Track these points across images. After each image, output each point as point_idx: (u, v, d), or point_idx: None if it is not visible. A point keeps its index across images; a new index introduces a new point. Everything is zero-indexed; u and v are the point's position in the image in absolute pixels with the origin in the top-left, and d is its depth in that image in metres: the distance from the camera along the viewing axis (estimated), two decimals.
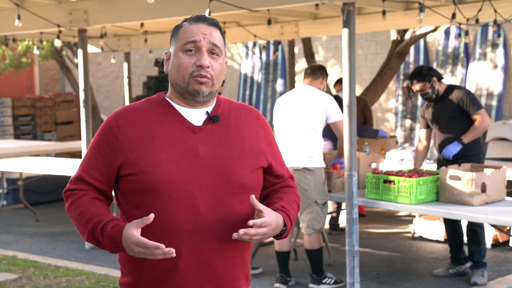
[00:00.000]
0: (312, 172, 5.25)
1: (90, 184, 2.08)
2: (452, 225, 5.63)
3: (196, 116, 2.08)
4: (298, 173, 5.22)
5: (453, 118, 5.42)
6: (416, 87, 5.46)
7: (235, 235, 1.95)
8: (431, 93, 5.45)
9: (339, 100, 5.88)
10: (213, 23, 2.08)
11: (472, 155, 5.38)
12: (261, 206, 2.01)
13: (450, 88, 5.48)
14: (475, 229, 5.42)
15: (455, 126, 5.42)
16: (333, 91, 8.22)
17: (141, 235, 1.99)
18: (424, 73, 5.43)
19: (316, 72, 5.50)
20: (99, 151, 2.07)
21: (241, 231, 1.95)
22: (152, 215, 1.92)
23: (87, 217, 2.03)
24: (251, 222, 1.96)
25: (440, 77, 5.49)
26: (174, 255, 1.92)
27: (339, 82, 7.83)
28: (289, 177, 2.27)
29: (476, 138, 5.39)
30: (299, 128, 5.30)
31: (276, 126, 5.48)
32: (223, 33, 2.12)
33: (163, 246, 1.90)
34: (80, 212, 2.05)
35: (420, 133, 5.80)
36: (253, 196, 2.01)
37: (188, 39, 2.05)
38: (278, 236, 2.10)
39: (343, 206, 7.41)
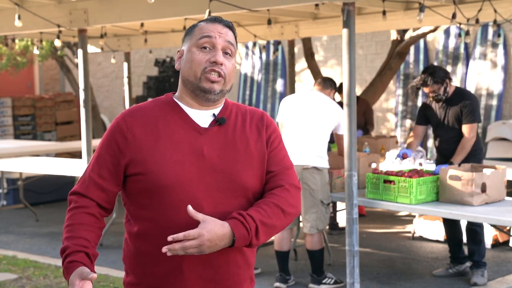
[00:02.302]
0: (320, 172, 5.30)
1: (99, 187, 2.09)
2: (451, 225, 5.63)
3: (202, 117, 2.10)
4: (307, 172, 5.25)
5: (457, 122, 5.40)
6: (430, 88, 5.41)
7: (164, 249, 1.91)
8: (442, 95, 5.42)
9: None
10: (228, 25, 2.12)
11: (471, 156, 5.37)
12: (199, 216, 1.93)
13: (458, 91, 5.45)
14: (475, 229, 5.42)
15: (457, 130, 5.40)
16: (338, 98, 8.16)
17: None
18: (440, 75, 5.36)
19: (327, 83, 5.66)
20: (108, 150, 2.09)
21: (164, 248, 1.90)
22: (95, 275, 1.91)
23: (67, 234, 2.07)
24: (170, 237, 1.90)
25: (450, 78, 5.47)
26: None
27: (339, 89, 7.49)
28: (280, 173, 2.13)
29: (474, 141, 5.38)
30: (312, 128, 5.35)
31: (282, 123, 5.53)
32: (236, 36, 2.15)
33: None
34: (67, 224, 2.10)
35: (415, 128, 5.75)
36: (189, 206, 1.93)
37: (203, 34, 2.08)
38: (232, 246, 1.97)
39: (338, 205, 7.43)
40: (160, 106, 2.12)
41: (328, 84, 5.65)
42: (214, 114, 2.11)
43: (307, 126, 5.39)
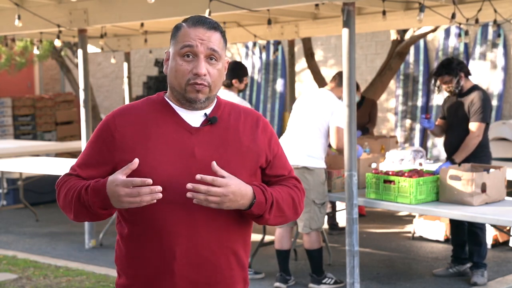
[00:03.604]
0: (312, 171, 5.25)
1: (83, 179, 2.07)
2: (456, 225, 5.63)
3: (194, 117, 2.07)
4: (297, 172, 5.22)
5: (464, 120, 5.38)
6: (442, 79, 5.40)
7: (188, 194, 1.89)
8: (455, 88, 5.40)
9: None
10: (213, 27, 2.05)
11: (473, 156, 5.36)
12: (224, 172, 1.94)
13: (473, 88, 5.42)
14: (475, 230, 5.41)
15: (463, 129, 5.39)
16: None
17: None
18: (453, 67, 5.35)
19: (342, 80, 5.44)
20: (95, 149, 2.07)
21: (189, 185, 1.89)
22: (136, 160, 1.89)
23: (73, 190, 2.01)
24: (198, 176, 1.89)
25: (467, 73, 5.44)
26: (161, 189, 1.88)
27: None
28: (291, 177, 2.21)
29: (480, 142, 5.35)
30: (305, 127, 5.33)
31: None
32: (224, 35, 2.09)
33: (150, 180, 1.86)
34: (67, 189, 2.04)
35: (437, 121, 5.78)
36: (214, 163, 1.94)
37: (185, 43, 2.03)
38: (248, 209, 1.99)
39: (338, 205, 7.43)
40: (151, 105, 2.09)
41: (342, 82, 5.51)
42: (205, 114, 2.08)
43: (298, 126, 5.37)
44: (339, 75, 5.51)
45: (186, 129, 2.05)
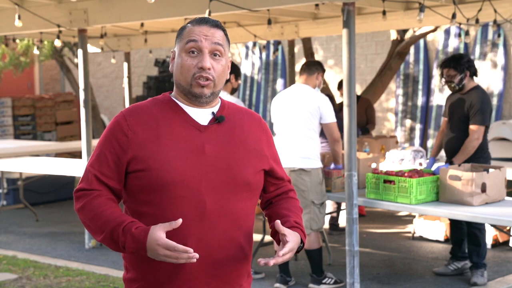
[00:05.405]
0: (309, 172, 5.23)
1: (102, 183, 2.09)
2: (455, 224, 5.64)
3: (202, 115, 2.13)
4: (294, 174, 5.20)
5: (464, 119, 5.38)
6: (447, 72, 5.39)
7: (262, 262, 2.00)
8: (456, 84, 5.37)
9: (332, 100, 5.88)
10: (216, 25, 2.13)
11: (472, 159, 5.35)
12: (285, 230, 2.05)
13: (475, 89, 5.39)
14: (474, 231, 5.41)
15: (462, 130, 5.38)
16: (337, 94, 8.33)
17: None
18: (462, 63, 5.33)
19: (311, 67, 5.41)
20: (108, 148, 2.09)
21: (271, 262, 1.99)
22: (180, 220, 1.94)
23: (104, 218, 2.02)
24: (281, 253, 2.02)
25: (473, 73, 5.41)
26: (197, 256, 1.93)
27: (339, 87, 7.99)
28: (288, 180, 2.33)
29: (480, 144, 5.34)
30: (294, 128, 5.28)
31: (273, 125, 5.50)
32: (226, 34, 2.16)
33: (191, 250, 1.92)
34: (95, 214, 2.04)
35: (442, 120, 5.77)
36: (278, 222, 2.06)
37: (190, 38, 2.10)
38: (296, 253, 2.15)
39: (343, 206, 7.42)
40: (159, 105, 2.14)
41: (313, 69, 5.38)
42: (213, 112, 2.14)
43: (290, 127, 5.30)
44: (306, 64, 5.49)
45: (195, 127, 2.11)
